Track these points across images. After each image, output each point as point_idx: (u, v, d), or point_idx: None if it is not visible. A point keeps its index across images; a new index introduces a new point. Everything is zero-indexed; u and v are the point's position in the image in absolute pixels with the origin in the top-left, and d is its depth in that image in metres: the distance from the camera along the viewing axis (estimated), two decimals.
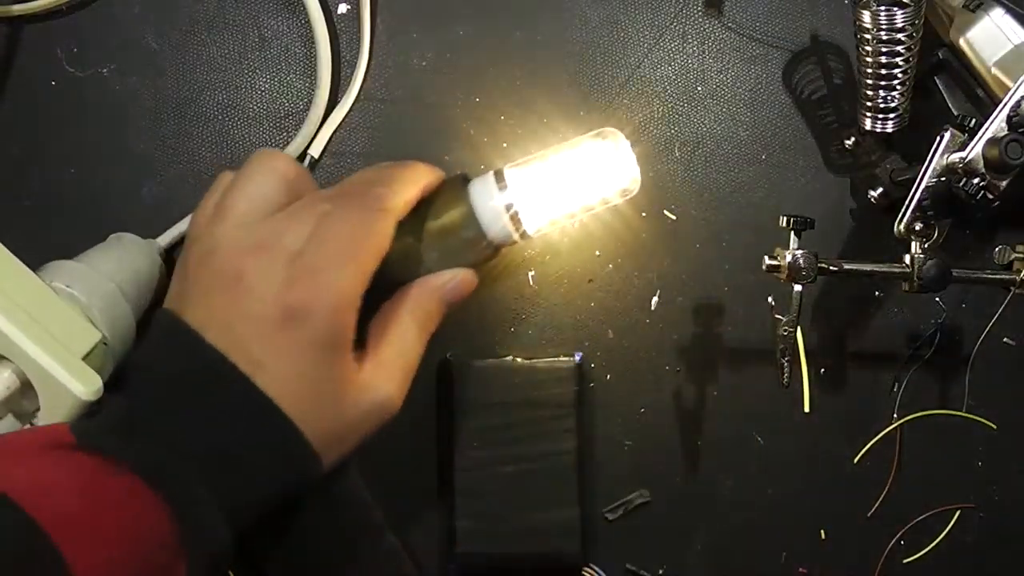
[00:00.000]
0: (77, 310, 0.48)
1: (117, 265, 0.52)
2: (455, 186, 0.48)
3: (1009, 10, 0.53)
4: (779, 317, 0.53)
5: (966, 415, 0.60)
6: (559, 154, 0.50)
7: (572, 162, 0.50)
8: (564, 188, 0.50)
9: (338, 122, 0.58)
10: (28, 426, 0.46)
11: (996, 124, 0.50)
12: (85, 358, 0.46)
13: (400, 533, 0.57)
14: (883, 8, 0.50)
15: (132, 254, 0.54)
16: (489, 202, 0.48)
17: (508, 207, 0.48)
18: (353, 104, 0.59)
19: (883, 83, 0.53)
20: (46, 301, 0.47)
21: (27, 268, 0.47)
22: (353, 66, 0.58)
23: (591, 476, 0.59)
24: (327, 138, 0.58)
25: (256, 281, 0.39)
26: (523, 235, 0.49)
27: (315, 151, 0.58)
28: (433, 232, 0.48)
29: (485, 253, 0.50)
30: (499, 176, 0.49)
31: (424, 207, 0.48)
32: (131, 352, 0.53)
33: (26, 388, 0.45)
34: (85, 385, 0.45)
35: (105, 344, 0.49)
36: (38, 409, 0.45)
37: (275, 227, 0.41)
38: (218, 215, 0.41)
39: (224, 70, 0.59)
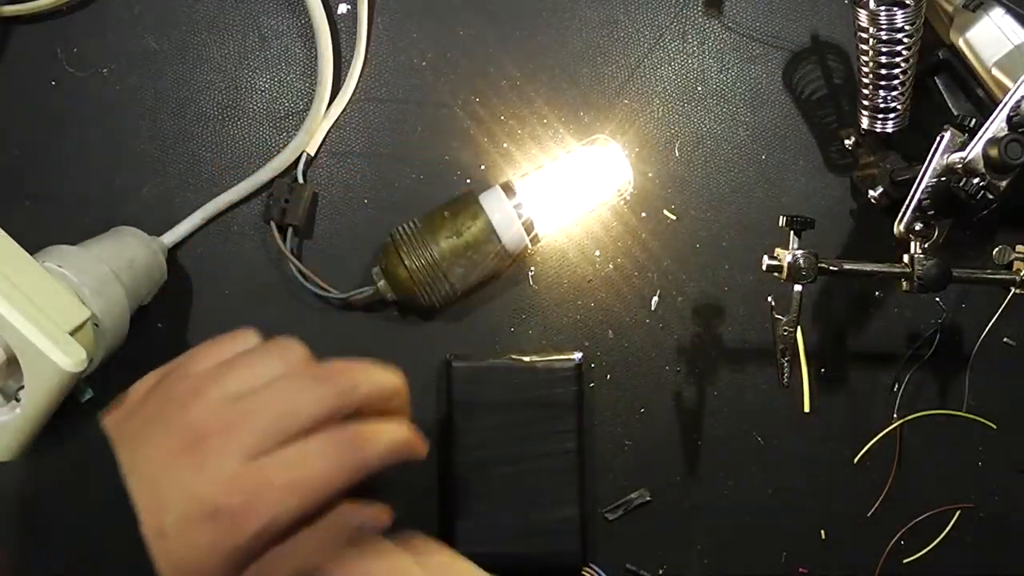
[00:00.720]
0: (67, 288, 0.48)
1: (113, 251, 0.52)
2: (469, 202, 0.54)
3: (1009, 10, 0.53)
4: (779, 317, 0.53)
5: (966, 415, 0.60)
6: (557, 162, 0.55)
7: (569, 168, 0.55)
8: (565, 192, 0.55)
9: (334, 119, 0.58)
10: (13, 403, 0.46)
11: (996, 124, 0.50)
12: (72, 333, 0.46)
13: (400, 533, 0.57)
14: (883, 8, 0.50)
15: (129, 243, 0.54)
16: (502, 210, 0.54)
17: (519, 214, 0.52)
18: (352, 103, 0.59)
19: (883, 83, 0.53)
20: (34, 276, 0.46)
21: (17, 244, 0.47)
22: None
23: (591, 476, 0.59)
24: (322, 136, 0.58)
25: (209, 457, 0.36)
26: (534, 239, 0.54)
27: (311, 149, 0.58)
28: (457, 249, 0.54)
29: (503, 261, 0.55)
30: (507, 187, 0.55)
31: (441, 225, 0.53)
32: (117, 348, 0.52)
33: (12, 365, 0.45)
34: (70, 357, 0.44)
35: (96, 325, 0.49)
36: (23, 387, 0.45)
37: (251, 409, 0.38)
38: (213, 376, 0.39)
39: (224, 70, 0.59)
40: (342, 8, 0.59)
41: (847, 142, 0.59)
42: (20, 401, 0.46)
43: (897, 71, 0.53)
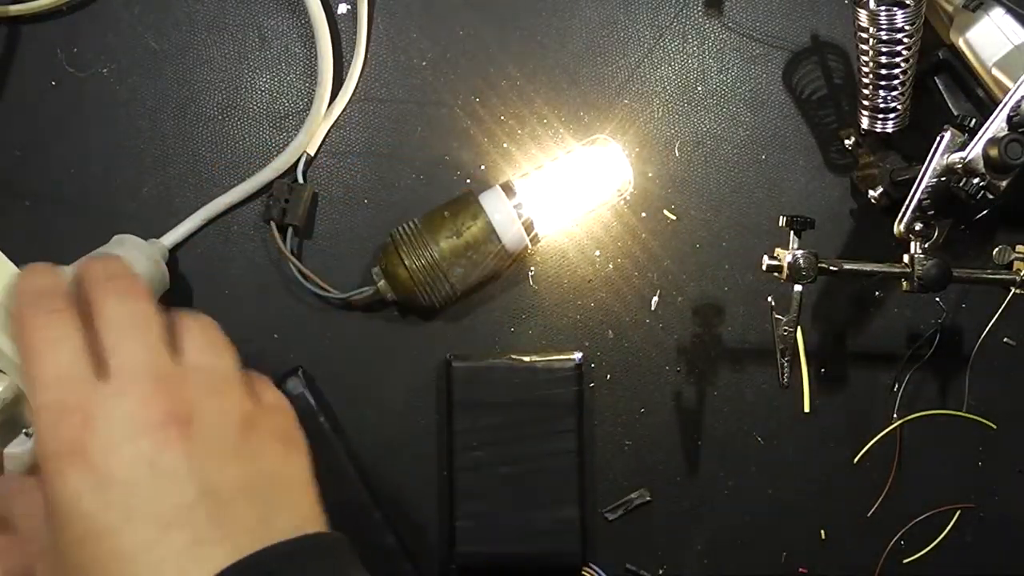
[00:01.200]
0: None
1: None
2: (469, 202, 0.54)
3: (1009, 10, 0.53)
4: (779, 317, 0.53)
5: (966, 415, 0.60)
6: (557, 162, 0.56)
7: (569, 168, 0.55)
8: (565, 193, 0.55)
9: (334, 119, 0.58)
10: (23, 435, 0.46)
11: (996, 124, 0.50)
12: None
13: (400, 533, 0.57)
14: (883, 8, 0.50)
15: (132, 256, 0.54)
16: (502, 210, 0.54)
17: (519, 214, 0.53)
18: (352, 103, 0.59)
19: (883, 83, 0.53)
20: None
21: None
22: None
23: (591, 476, 0.59)
24: (322, 136, 0.58)
25: None
26: (534, 239, 0.54)
27: (311, 149, 0.58)
28: (457, 249, 0.54)
29: (503, 261, 0.55)
30: (507, 187, 0.55)
31: (441, 225, 0.53)
32: None
33: (22, 397, 0.44)
34: None
35: None
36: None
37: None
38: None
39: (224, 70, 0.59)
40: (342, 8, 0.59)
41: (847, 142, 0.59)
42: (31, 436, 0.45)
43: (897, 71, 0.53)
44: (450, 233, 0.54)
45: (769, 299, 0.53)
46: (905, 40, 0.51)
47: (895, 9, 0.50)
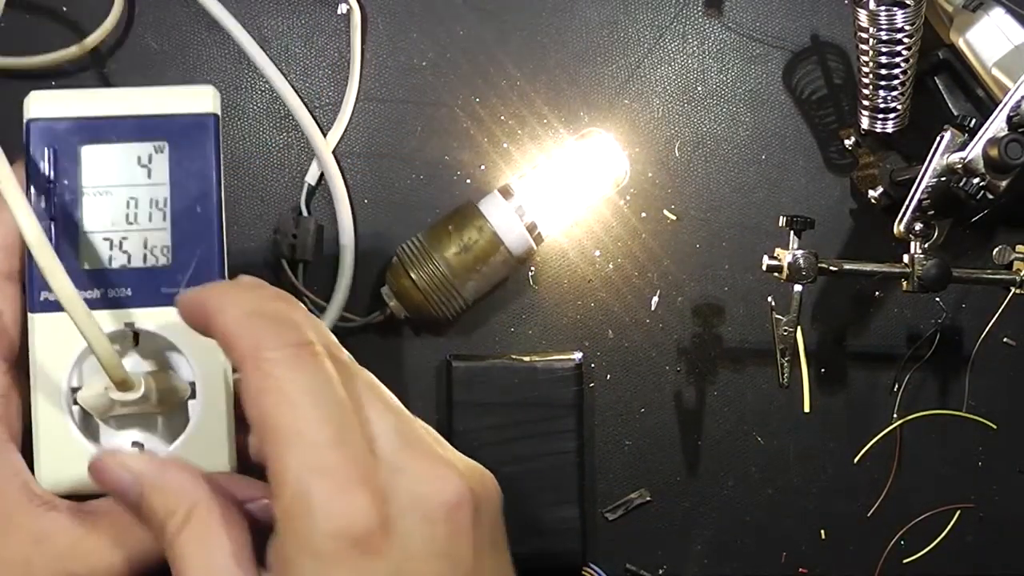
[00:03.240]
0: None
1: None
2: (472, 214, 0.54)
3: (1009, 10, 0.53)
4: (779, 317, 0.53)
5: (966, 415, 0.60)
6: (551, 159, 0.55)
7: (564, 164, 0.55)
8: (562, 189, 0.55)
9: (336, 138, 0.58)
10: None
11: (996, 124, 0.50)
12: None
13: None
14: (883, 8, 0.50)
15: None
16: (505, 219, 0.54)
17: (521, 215, 0.53)
18: (351, 104, 0.59)
19: (883, 83, 0.53)
20: None
21: None
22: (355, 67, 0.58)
23: (591, 476, 0.59)
24: (319, 172, 0.58)
25: None
26: (538, 239, 0.54)
27: (311, 179, 0.58)
28: (467, 264, 0.53)
29: (511, 268, 0.55)
30: (505, 191, 0.55)
31: (448, 242, 0.53)
32: None
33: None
34: None
35: None
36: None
37: None
38: None
39: (224, 70, 0.59)
40: (342, 8, 0.59)
41: (847, 142, 0.59)
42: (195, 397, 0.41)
43: (897, 71, 0.53)
44: (457, 249, 0.53)
45: (769, 299, 0.53)
46: (905, 40, 0.51)
47: (895, 9, 0.50)
